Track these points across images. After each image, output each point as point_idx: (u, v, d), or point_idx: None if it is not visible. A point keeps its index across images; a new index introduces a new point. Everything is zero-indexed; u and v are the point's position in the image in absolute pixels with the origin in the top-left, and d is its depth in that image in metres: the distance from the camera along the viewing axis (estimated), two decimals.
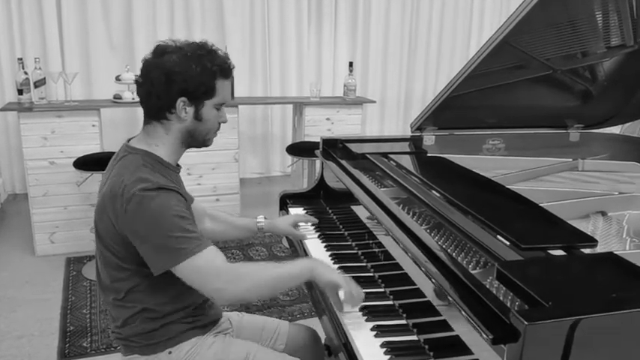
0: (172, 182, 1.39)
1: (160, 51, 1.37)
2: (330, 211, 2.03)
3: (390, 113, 5.54)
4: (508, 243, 1.17)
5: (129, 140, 1.46)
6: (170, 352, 1.42)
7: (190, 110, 1.39)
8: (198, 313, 1.47)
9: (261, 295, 1.46)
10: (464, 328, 1.03)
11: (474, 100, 2.02)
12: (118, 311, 1.42)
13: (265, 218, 1.83)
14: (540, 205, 1.43)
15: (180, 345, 1.43)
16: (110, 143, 3.68)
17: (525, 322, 0.84)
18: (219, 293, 1.32)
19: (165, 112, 1.38)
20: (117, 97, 3.58)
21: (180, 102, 1.36)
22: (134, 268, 1.36)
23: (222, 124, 1.49)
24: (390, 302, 1.41)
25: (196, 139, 1.44)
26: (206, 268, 1.30)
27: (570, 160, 2.12)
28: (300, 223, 1.89)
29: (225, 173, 3.87)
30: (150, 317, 1.40)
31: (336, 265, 1.63)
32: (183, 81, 1.34)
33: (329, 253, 1.71)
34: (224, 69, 1.40)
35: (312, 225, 1.90)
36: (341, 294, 1.35)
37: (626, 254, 1.14)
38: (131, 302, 1.40)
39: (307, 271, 1.37)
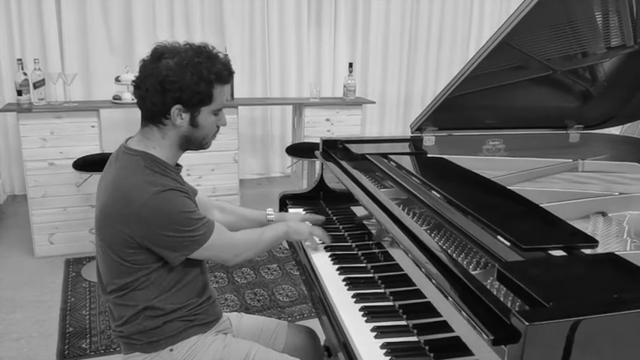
0: (175, 182, 1.40)
1: (157, 55, 1.35)
2: (329, 212, 2.03)
3: (389, 114, 5.55)
4: (508, 244, 1.17)
5: (126, 141, 1.45)
6: (171, 350, 1.43)
7: (186, 117, 1.38)
8: (199, 312, 1.48)
9: (260, 254, 1.73)
10: (464, 329, 1.03)
11: (474, 101, 2.02)
12: (120, 310, 1.43)
13: (274, 211, 1.86)
14: (540, 205, 1.42)
15: (181, 343, 1.44)
16: (110, 144, 3.67)
17: (526, 323, 0.83)
18: (236, 258, 1.51)
19: (161, 117, 1.38)
20: (116, 97, 3.57)
21: (176, 109, 1.35)
22: (141, 266, 1.37)
23: (221, 127, 1.49)
24: (390, 303, 1.41)
25: (193, 143, 1.44)
26: (222, 244, 1.45)
27: (570, 160, 2.12)
28: (307, 222, 1.88)
29: (224, 174, 3.87)
30: (152, 315, 1.41)
31: (336, 266, 1.63)
32: (178, 90, 1.33)
33: (329, 254, 1.71)
34: (222, 76, 1.38)
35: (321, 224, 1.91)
36: (307, 243, 1.77)
37: (627, 255, 1.14)
38: (133, 301, 1.40)
39: (285, 235, 1.67)
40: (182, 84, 1.32)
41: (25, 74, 3.37)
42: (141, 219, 1.31)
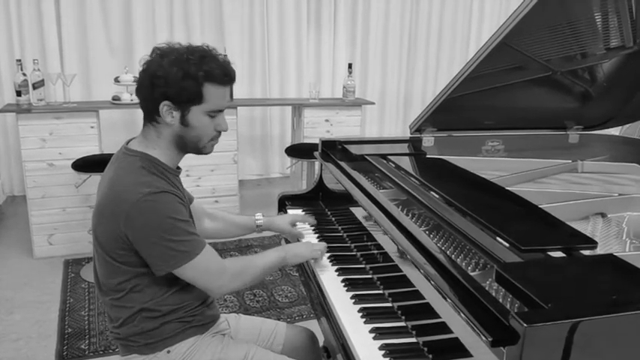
0: (171, 185, 1.38)
1: (153, 53, 1.37)
2: (328, 212, 2.02)
3: (389, 114, 5.54)
4: (507, 245, 1.16)
5: (128, 142, 1.45)
6: (169, 352, 1.42)
7: (177, 115, 1.37)
8: (196, 313, 1.47)
9: (248, 285, 1.53)
10: (463, 330, 1.03)
11: (474, 102, 2.02)
12: (117, 311, 1.42)
13: (264, 216, 1.85)
14: (540, 206, 1.42)
15: (178, 344, 1.43)
16: (109, 145, 3.68)
17: (525, 325, 0.83)
18: (220, 289, 1.41)
19: (154, 114, 1.38)
20: (115, 98, 3.57)
21: (164, 106, 1.35)
22: (132, 269, 1.36)
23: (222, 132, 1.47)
24: (389, 304, 1.41)
25: (188, 144, 1.42)
26: (207, 267, 1.36)
27: (570, 161, 2.11)
28: (298, 223, 1.89)
29: (224, 175, 3.86)
30: (148, 317, 1.40)
31: (335, 267, 1.63)
32: (164, 85, 1.33)
33: (328, 254, 1.70)
34: (213, 74, 1.35)
35: (311, 226, 1.91)
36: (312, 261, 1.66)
37: (626, 256, 1.14)
38: (130, 302, 1.39)
39: (283, 261, 1.57)
40: (168, 79, 1.32)
41: (24, 75, 3.37)
42: (130, 219, 1.29)
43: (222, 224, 1.82)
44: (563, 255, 1.14)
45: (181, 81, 1.32)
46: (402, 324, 1.31)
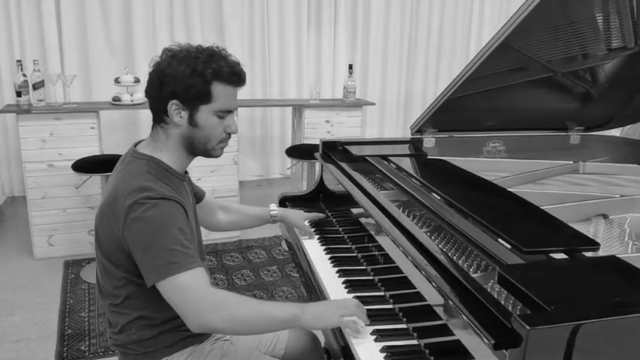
0: (175, 191, 1.35)
1: (163, 54, 1.35)
2: (329, 213, 2.02)
3: (389, 115, 5.54)
4: (509, 246, 1.16)
5: (136, 144, 1.43)
6: None
7: (185, 115, 1.34)
8: None
9: (239, 331, 1.31)
10: (465, 332, 1.02)
11: (475, 103, 2.01)
12: (115, 317, 1.40)
13: (279, 206, 1.84)
14: (541, 208, 1.42)
15: (176, 354, 1.41)
16: (109, 146, 3.67)
17: (528, 327, 0.83)
18: (196, 318, 1.22)
19: (162, 115, 1.36)
20: (116, 99, 3.56)
21: (172, 105, 1.33)
22: (130, 276, 1.33)
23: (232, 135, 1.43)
24: (390, 306, 1.40)
25: (197, 146, 1.39)
26: (191, 288, 1.23)
27: (571, 162, 2.11)
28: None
29: (224, 176, 3.86)
30: (146, 325, 1.38)
31: (336, 269, 1.62)
32: (172, 83, 1.31)
33: (328, 256, 1.70)
34: (221, 73, 1.33)
35: (313, 226, 1.90)
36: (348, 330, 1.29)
37: (628, 257, 1.14)
38: (128, 309, 1.37)
39: (295, 319, 1.27)
40: (176, 76, 1.30)
41: (24, 75, 3.36)
42: (128, 222, 1.26)
43: (236, 216, 1.81)
44: (566, 257, 1.13)
45: (189, 78, 1.30)
46: (404, 326, 1.31)
